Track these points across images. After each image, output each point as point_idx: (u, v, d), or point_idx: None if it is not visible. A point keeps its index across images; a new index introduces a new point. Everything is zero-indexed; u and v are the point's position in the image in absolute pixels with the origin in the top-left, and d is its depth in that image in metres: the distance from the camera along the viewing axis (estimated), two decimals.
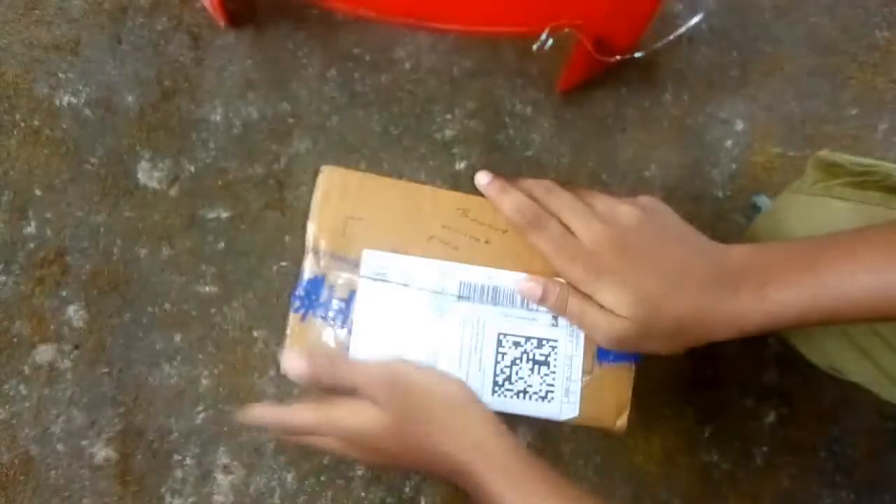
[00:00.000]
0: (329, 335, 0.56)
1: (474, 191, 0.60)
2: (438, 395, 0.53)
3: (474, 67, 0.93)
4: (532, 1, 0.73)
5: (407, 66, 0.93)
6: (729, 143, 0.94)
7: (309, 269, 0.57)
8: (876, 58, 0.96)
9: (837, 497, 0.89)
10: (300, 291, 0.56)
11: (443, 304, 0.57)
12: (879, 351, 0.60)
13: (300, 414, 0.54)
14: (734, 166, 0.93)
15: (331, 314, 0.56)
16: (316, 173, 0.61)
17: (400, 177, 0.89)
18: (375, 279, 0.56)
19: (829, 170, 0.63)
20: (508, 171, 0.90)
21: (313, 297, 0.56)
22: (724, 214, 0.92)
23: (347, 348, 0.56)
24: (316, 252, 0.57)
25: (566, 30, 0.73)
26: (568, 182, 0.89)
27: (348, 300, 0.56)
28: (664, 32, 0.76)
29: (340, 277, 0.56)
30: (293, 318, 0.56)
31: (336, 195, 0.58)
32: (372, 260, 0.57)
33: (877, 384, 0.64)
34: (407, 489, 0.85)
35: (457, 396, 0.53)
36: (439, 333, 0.56)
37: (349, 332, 0.56)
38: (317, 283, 0.56)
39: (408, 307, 0.57)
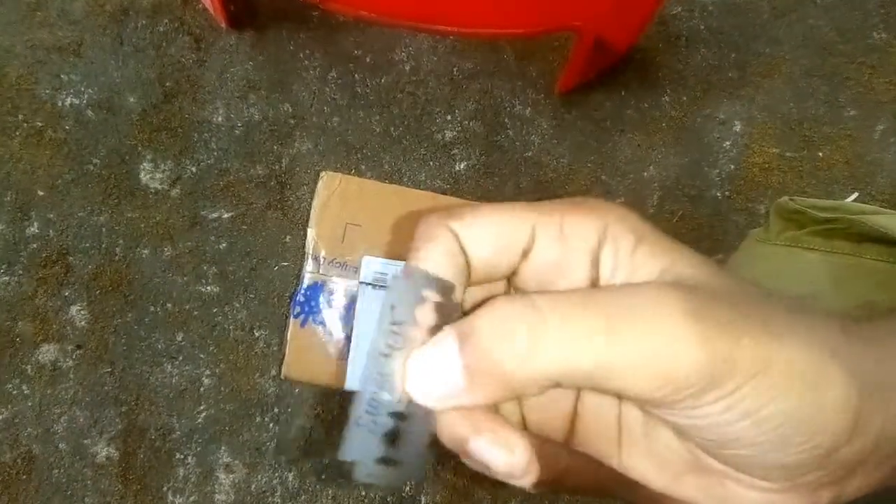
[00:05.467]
0: (329, 341, 0.56)
1: (473, 193, 0.61)
2: None
3: (474, 69, 0.93)
4: (531, 3, 0.74)
5: (407, 67, 0.93)
6: (727, 143, 0.94)
7: (308, 275, 0.57)
8: (874, 59, 0.97)
9: None
10: (300, 297, 0.57)
11: None
12: None
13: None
14: (732, 167, 0.94)
15: (330, 320, 0.57)
16: (317, 174, 0.61)
17: (400, 177, 0.90)
18: (374, 285, 0.57)
19: (793, 218, 0.63)
20: (508, 172, 0.91)
21: (313, 304, 0.57)
22: (722, 214, 0.92)
23: (347, 354, 0.56)
24: (315, 258, 0.57)
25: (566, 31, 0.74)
26: (567, 183, 0.90)
27: (348, 306, 0.57)
28: (662, 32, 0.77)
29: (340, 283, 0.57)
30: (293, 324, 0.57)
31: (336, 201, 0.58)
32: (371, 266, 0.57)
33: None
34: (407, 488, 0.85)
35: None
36: None
37: (348, 337, 0.57)
38: (316, 289, 0.57)
39: None
